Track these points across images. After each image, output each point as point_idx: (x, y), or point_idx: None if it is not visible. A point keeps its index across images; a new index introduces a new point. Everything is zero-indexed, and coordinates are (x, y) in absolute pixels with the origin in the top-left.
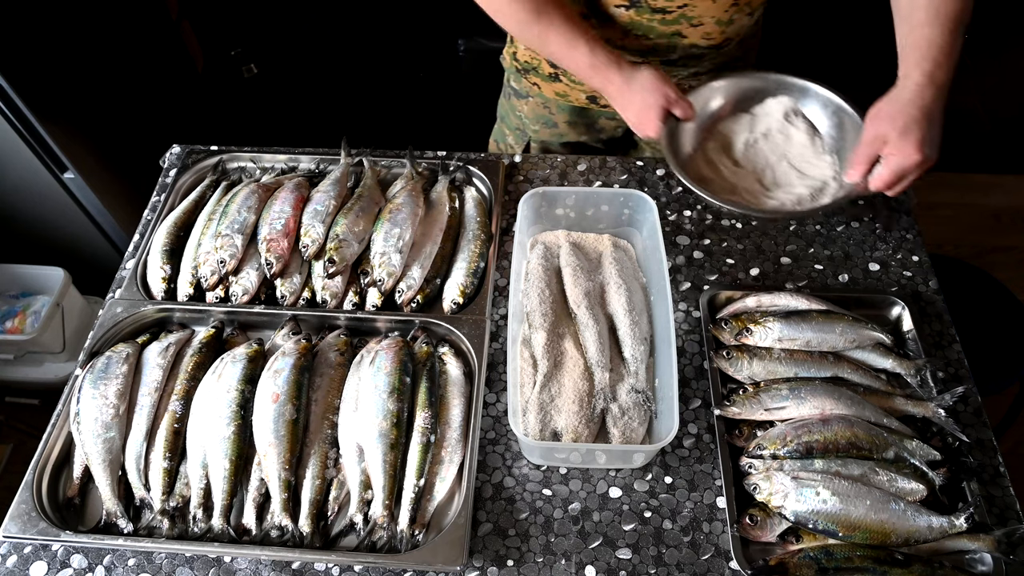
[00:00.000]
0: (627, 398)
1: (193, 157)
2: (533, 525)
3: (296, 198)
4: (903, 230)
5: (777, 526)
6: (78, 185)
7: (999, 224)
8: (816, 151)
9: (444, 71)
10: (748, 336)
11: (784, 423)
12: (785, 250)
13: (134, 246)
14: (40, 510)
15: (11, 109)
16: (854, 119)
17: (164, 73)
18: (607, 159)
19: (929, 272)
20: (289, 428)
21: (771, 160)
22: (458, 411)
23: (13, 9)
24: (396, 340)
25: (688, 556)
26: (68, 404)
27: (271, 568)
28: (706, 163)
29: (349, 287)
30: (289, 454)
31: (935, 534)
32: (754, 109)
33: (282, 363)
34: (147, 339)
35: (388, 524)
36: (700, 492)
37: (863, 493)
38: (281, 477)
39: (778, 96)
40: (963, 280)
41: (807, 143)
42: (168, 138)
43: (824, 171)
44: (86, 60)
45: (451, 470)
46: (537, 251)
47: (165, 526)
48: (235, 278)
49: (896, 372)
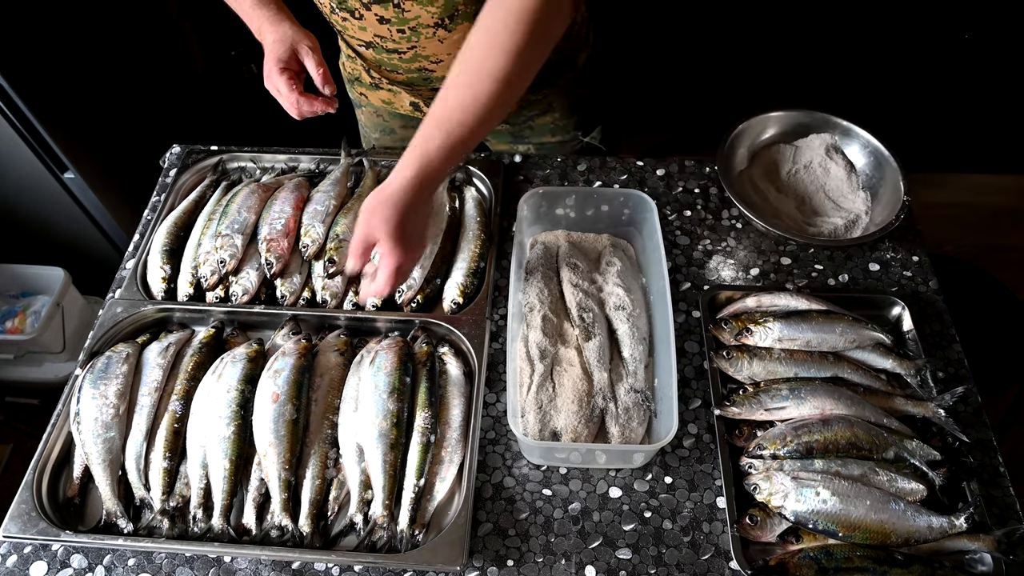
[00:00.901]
0: (626, 398)
1: (193, 157)
2: (533, 525)
3: (296, 198)
4: (903, 230)
5: (777, 526)
6: (78, 185)
7: (999, 224)
8: (852, 186)
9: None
10: (748, 336)
11: (784, 423)
12: (785, 250)
13: (134, 246)
14: (40, 510)
15: (11, 109)
16: (890, 163)
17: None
18: (607, 159)
19: (929, 272)
20: (289, 428)
21: (810, 190)
22: (458, 411)
23: (13, 9)
24: (396, 340)
25: (688, 556)
26: (68, 404)
27: (271, 568)
28: (752, 187)
29: (349, 287)
30: (289, 454)
31: (935, 534)
32: (798, 141)
33: (282, 363)
34: (147, 339)
35: (388, 524)
36: (700, 492)
37: (863, 493)
38: (281, 477)
39: (822, 132)
40: (963, 280)
41: (844, 178)
42: (168, 138)
43: (858, 205)
44: (86, 60)
45: (451, 470)
46: (537, 251)
47: (165, 526)
48: (235, 278)
49: (896, 372)
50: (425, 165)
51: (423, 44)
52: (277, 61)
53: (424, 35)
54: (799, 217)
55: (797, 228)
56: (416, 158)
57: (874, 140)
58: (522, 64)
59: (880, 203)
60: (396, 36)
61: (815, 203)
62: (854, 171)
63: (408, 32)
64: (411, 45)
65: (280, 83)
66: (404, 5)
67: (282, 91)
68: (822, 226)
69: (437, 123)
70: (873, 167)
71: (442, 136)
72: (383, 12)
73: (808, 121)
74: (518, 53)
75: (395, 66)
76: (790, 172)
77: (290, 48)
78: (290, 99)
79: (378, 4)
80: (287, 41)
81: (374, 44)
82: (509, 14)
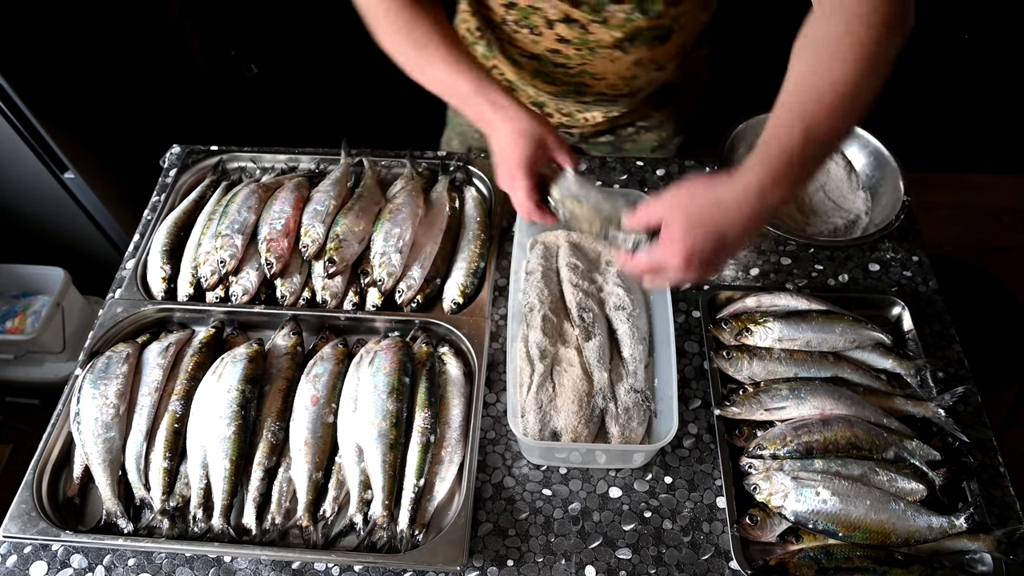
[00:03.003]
0: (626, 398)
1: (193, 157)
2: (533, 525)
3: (296, 198)
4: (903, 230)
5: (777, 526)
6: (78, 185)
7: (999, 224)
8: (852, 186)
9: None
10: (748, 336)
11: (784, 423)
12: (785, 250)
13: (134, 246)
14: (40, 510)
15: (11, 109)
16: (890, 163)
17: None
18: (607, 159)
19: (929, 272)
20: (325, 431)
21: (809, 190)
22: (458, 411)
23: (13, 9)
24: (395, 340)
25: (688, 556)
26: (68, 404)
27: (271, 568)
28: None
29: (349, 287)
30: (321, 457)
31: (935, 534)
32: None
33: (321, 368)
34: (147, 339)
35: (388, 524)
36: (700, 492)
37: (863, 493)
38: (312, 478)
39: None
40: (963, 280)
41: (844, 178)
42: (168, 138)
43: (858, 205)
44: (87, 60)
45: (451, 470)
46: (537, 251)
47: (165, 526)
48: (235, 278)
49: (896, 372)
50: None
51: (595, 63)
52: (525, 161)
53: (600, 54)
54: (799, 217)
55: (797, 228)
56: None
57: (874, 140)
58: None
59: (880, 203)
60: (571, 53)
61: (815, 203)
62: (854, 171)
63: (585, 51)
64: (582, 62)
65: (524, 188)
66: (590, 28)
67: (522, 197)
68: (822, 226)
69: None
70: (873, 167)
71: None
72: (566, 32)
73: None
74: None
75: (555, 77)
76: None
77: (538, 144)
78: (527, 208)
79: (563, 24)
80: (532, 136)
81: (541, 57)
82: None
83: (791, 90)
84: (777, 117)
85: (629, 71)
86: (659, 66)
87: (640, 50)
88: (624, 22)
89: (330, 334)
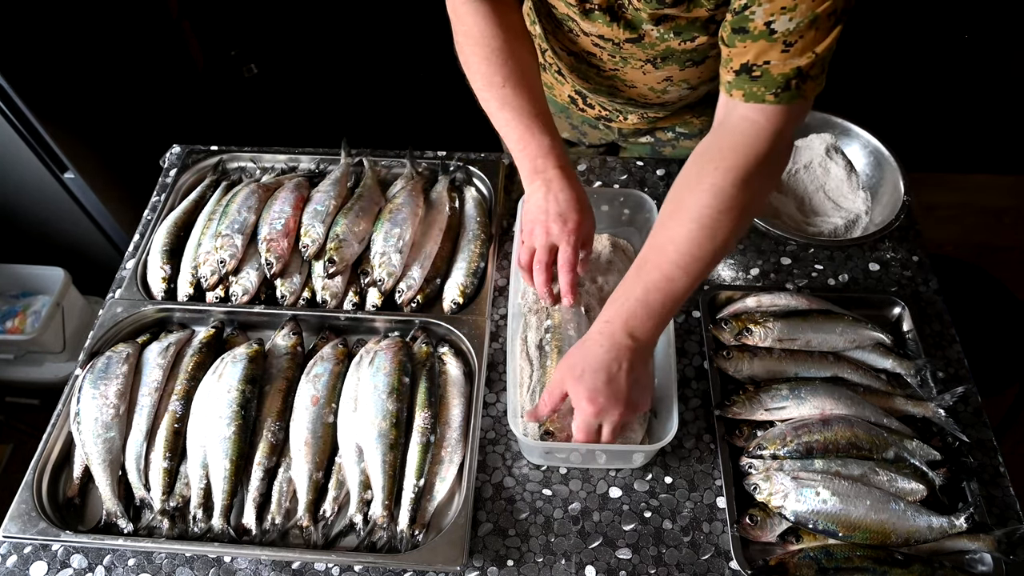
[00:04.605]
0: None
1: (193, 157)
2: (533, 525)
3: (296, 198)
4: (903, 230)
5: (777, 526)
6: (78, 185)
7: (999, 224)
8: (852, 186)
9: (444, 71)
10: (748, 336)
11: (784, 423)
12: (785, 250)
13: (134, 246)
14: (40, 510)
15: (11, 109)
16: (890, 163)
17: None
18: (607, 159)
19: (929, 272)
20: (325, 431)
21: (810, 190)
22: (458, 411)
23: (13, 9)
24: (395, 340)
25: (688, 556)
26: (68, 404)
27: (271, 568)
28: None
29: (349, 287)
30: (321, 457)
31: (935, 534)
32: (798, 141)
33: (321, 368)
34: (147, 339)
35: (388, 524)
36: (700, 492)
37: (863, 493)
38: (312, 479)
39: (822, 132)
40: (963, 280)
41: (844, 178)
42: (168, 138)
43: (858, 205)
44: (86, 60)
45: (451, 470)
46: None
47: (165, 526)
48: (235, 278)
49: (896, 372)
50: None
51: (626, 71)
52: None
53: (632, 65)
54: (799, 217)
55: (797, 228)
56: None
57: (874, 140)
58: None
59: (880, 203)
60: (605, 57)
61: (815, 203)
62: (854, 171)
63: (619, 59)
64: (615, 68)
65: (540, 272)
66: (624, 46)
67: (539, 280)
68: (822, 226)
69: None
70: (873, 167)
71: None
72: (601, 41)
73: (808, 121)
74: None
75: (589, 76)
76: (790, 172)
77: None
78: (526, 262)
79: (600, 40)
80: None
81: (579, 55)
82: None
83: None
84: (632, 267)
85: (660, 85)
86: (690, 86)
87: (671, 68)
88: (657, 41)
89: (330, 334)
